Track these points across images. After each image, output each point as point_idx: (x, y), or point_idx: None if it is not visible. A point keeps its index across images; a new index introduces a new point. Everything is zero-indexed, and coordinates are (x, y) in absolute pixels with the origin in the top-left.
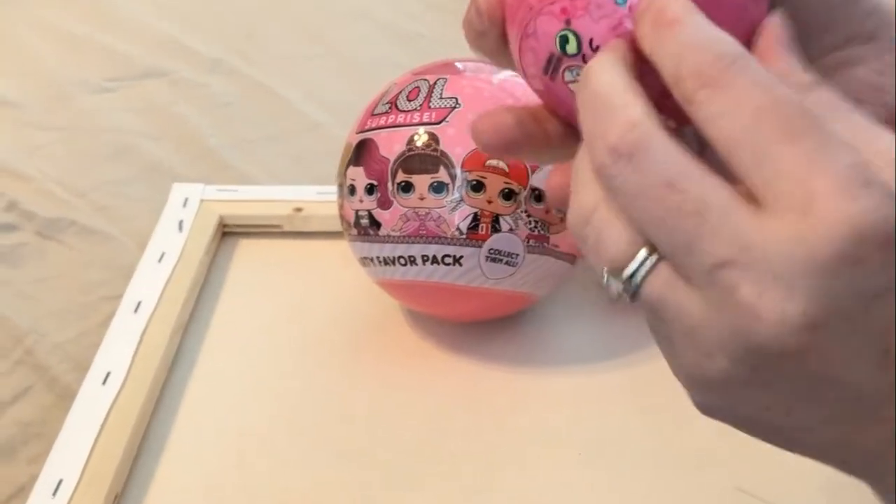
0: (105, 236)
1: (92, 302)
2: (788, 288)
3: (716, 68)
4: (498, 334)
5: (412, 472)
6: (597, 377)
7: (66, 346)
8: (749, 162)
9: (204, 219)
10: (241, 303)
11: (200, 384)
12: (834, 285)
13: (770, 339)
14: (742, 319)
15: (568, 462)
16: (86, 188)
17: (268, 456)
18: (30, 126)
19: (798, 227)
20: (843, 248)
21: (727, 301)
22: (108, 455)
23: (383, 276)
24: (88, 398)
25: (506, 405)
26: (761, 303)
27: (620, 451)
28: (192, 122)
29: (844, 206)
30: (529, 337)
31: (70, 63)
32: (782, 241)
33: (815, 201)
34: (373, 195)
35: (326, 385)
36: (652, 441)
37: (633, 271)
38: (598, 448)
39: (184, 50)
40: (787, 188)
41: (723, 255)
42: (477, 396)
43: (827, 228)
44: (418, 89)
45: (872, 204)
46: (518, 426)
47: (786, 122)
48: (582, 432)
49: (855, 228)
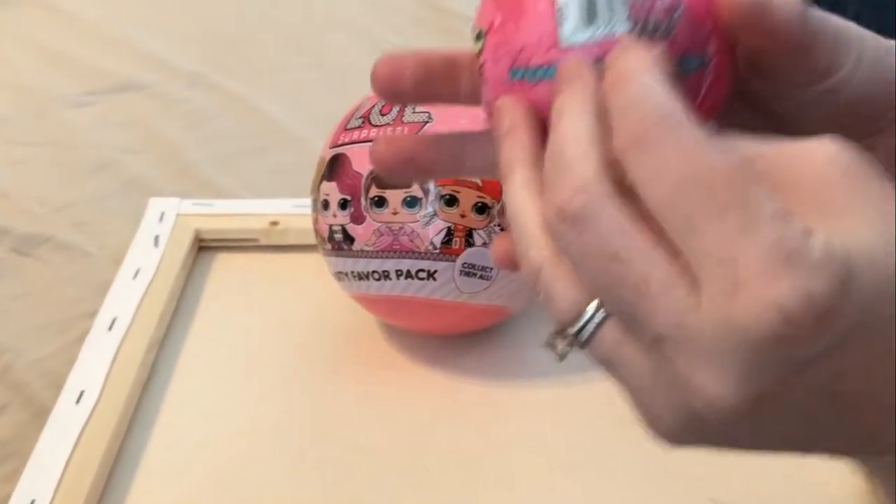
0: (82, 252)
1: (69, 318)
2: (721, 367)
3: (642, 127)
4: (474, 347)
5: (390, 486)
6: (572, 389)
7: (43, 362)
8: (678, 234)
9: (180, 233)
10: (218, 317)
11: (175, 401)
12: (767, 363)
13: (708, 412)
14: (681, 391)
15: (544, 474)
16: (63, 203)
17: (244, 472)
18: (7, 141)
19: (727, 311)
20: (773, 331)
21: (668, 370)
22: (81, 473)
23: (358, 291)
24: (62, 416)
25: (482, 417)
26: (696, 379)
27: (596, 462)
28: (171, 136)
29: (769, 290)
30: (505, 350)
31: (48, 77)
32: (714, 322)
33: (740, 285)
34: (346, 210)
35: (303, 400)
36: (628, 452)
37: (580, 326)
38: (574, 460)
39: (163, 63)
40: (714, 269)
41: (661, 330)
42: (454, 409)
43: (755, 313)
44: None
45: (797, 282)
46: (495, 438)
47: (709, 194)
48: (558, 444)
49: (782, 312)
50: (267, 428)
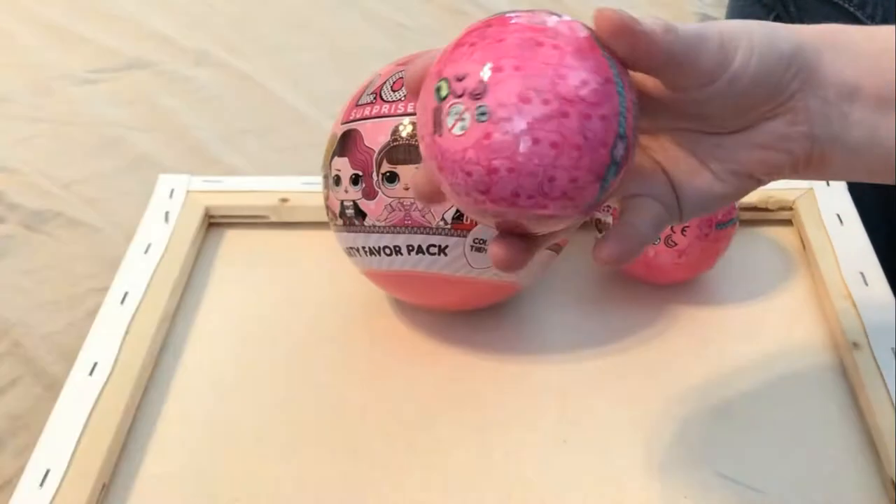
0: (91, 228)
1: (79, 294)
2: None
3: None
4: (484, 323)
5: (401, 460)
6: (582, 364)
7: (53, 337)
8: None
9: (190, 210)
10: (228, 293)
11: (187, 374)
12: None
13: None
14: None
15: (554, 448)
16: (71, 180)
17: (255, 445)
18: (15, 118)
19: None
20: None
21: None
22: (95, 445)
23: (369, 267)
24: (75, 389)
25: (492, 392)
26: None
27: (605, 437)
28: (178, 114)
29: None
30: (516, 325)
31: (55, 55)
32: None
33: None
34: (358, 186)
35: (314, 375)
36: (636, 427)
37: None
38: (583, 434)
39: (169, 41)
40: None
41: None
42: (464, 384)
43: None
44: (403, 79)
45: None
46: (505, 413)
47: None
48: (567, 419)
49: None
50: (277, 401)
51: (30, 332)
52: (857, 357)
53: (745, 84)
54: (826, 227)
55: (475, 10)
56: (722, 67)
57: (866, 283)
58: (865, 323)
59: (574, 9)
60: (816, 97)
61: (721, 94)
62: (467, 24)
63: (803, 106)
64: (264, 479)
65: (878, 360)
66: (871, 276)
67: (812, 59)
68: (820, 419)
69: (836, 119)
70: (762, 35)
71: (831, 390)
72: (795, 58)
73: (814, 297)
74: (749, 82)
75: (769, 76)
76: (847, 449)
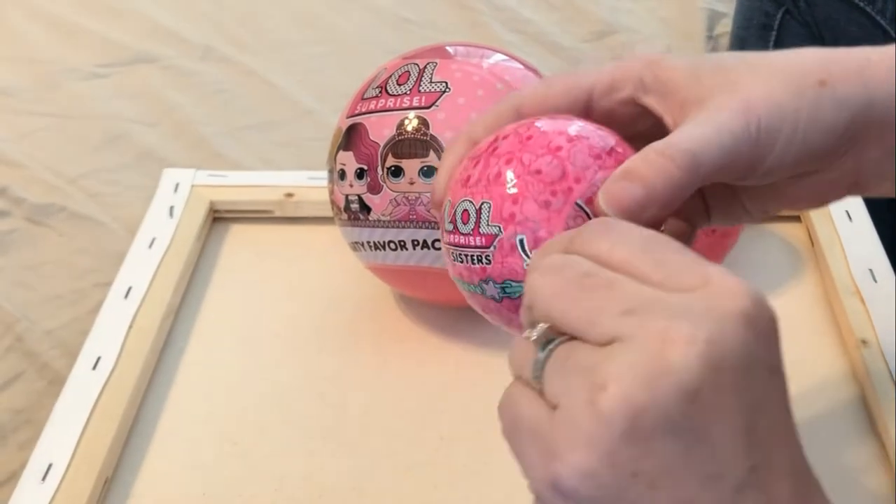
0: (96, 223)
1: (83, 288)
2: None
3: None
4: None
5: (405, 455)
6: None
7: (57, 332)
8: None
9: (195, 204)
10: (232, 288)
11: (191, 369)
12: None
13: None
14: None
15: None
16: (77, 174)
17: (258, 440)
18: (20, 112)
19: None
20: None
21: None
22: (98, 439)
23: (374, 261)
24: (78, 383)
25: (497, 387)
26: None
27: None
28: (183, 109)
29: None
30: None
31: (61, 49)
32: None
33: None
34: (363, 180)
35: (318, 370)
36: None
37: None
38: None
39: (175, 36)
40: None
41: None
42: (469, 379)
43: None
44: (408, 73)
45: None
46: None
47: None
48: None
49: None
50: (280, 396)
51: (33, 327)
52: (865, 354)
53: (788, 164)
54: (835, 223)
55: (480, 6)
56: (758, 162)
57: (875, 280)
58: (874, 319)
59: (582, 8)
60: (880, 148)
61: (759, 176)
62: (473, 19)
63: (855, 160)
64: (268, 473)
65: (887, 357)
66: (881, 272)
67: (883, 112)
68: (828, 416)
69: (890, 163)
70: (812, 109)
71: (839, 387)
72: (855, 122)
73: (822, 293)
74: (792, 161)
75: (814, 153)
76: (855, 444)
